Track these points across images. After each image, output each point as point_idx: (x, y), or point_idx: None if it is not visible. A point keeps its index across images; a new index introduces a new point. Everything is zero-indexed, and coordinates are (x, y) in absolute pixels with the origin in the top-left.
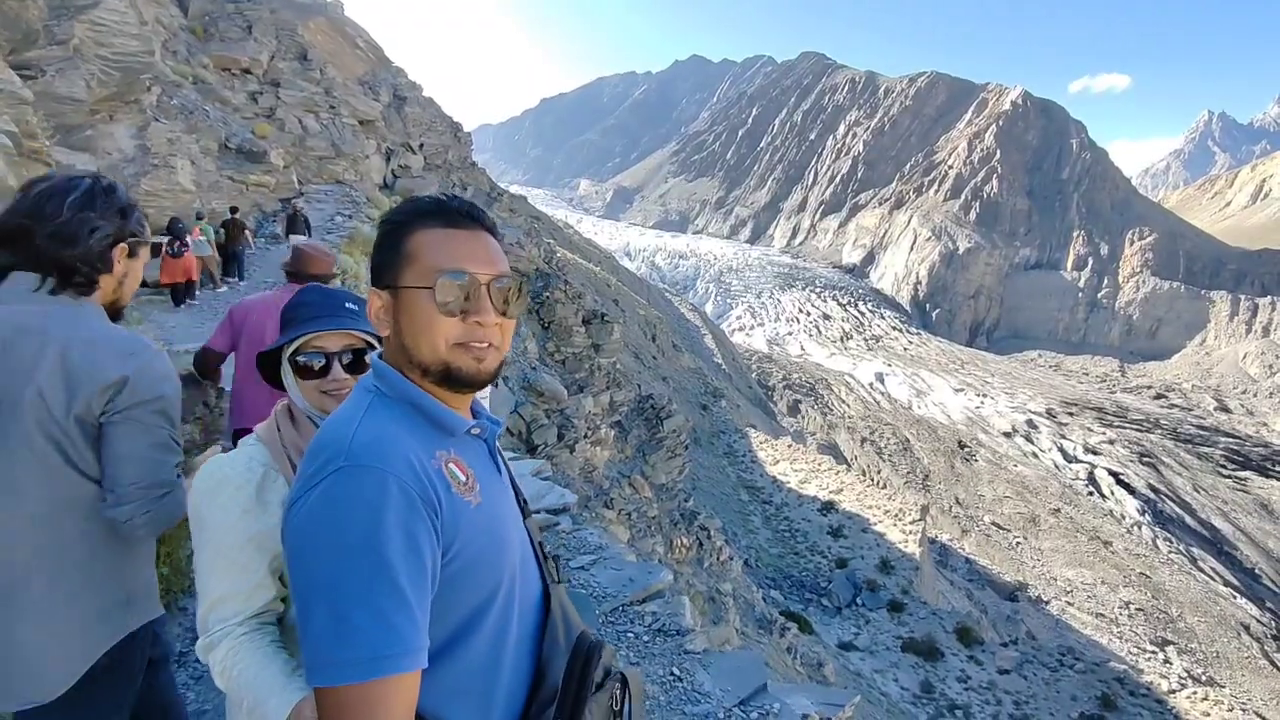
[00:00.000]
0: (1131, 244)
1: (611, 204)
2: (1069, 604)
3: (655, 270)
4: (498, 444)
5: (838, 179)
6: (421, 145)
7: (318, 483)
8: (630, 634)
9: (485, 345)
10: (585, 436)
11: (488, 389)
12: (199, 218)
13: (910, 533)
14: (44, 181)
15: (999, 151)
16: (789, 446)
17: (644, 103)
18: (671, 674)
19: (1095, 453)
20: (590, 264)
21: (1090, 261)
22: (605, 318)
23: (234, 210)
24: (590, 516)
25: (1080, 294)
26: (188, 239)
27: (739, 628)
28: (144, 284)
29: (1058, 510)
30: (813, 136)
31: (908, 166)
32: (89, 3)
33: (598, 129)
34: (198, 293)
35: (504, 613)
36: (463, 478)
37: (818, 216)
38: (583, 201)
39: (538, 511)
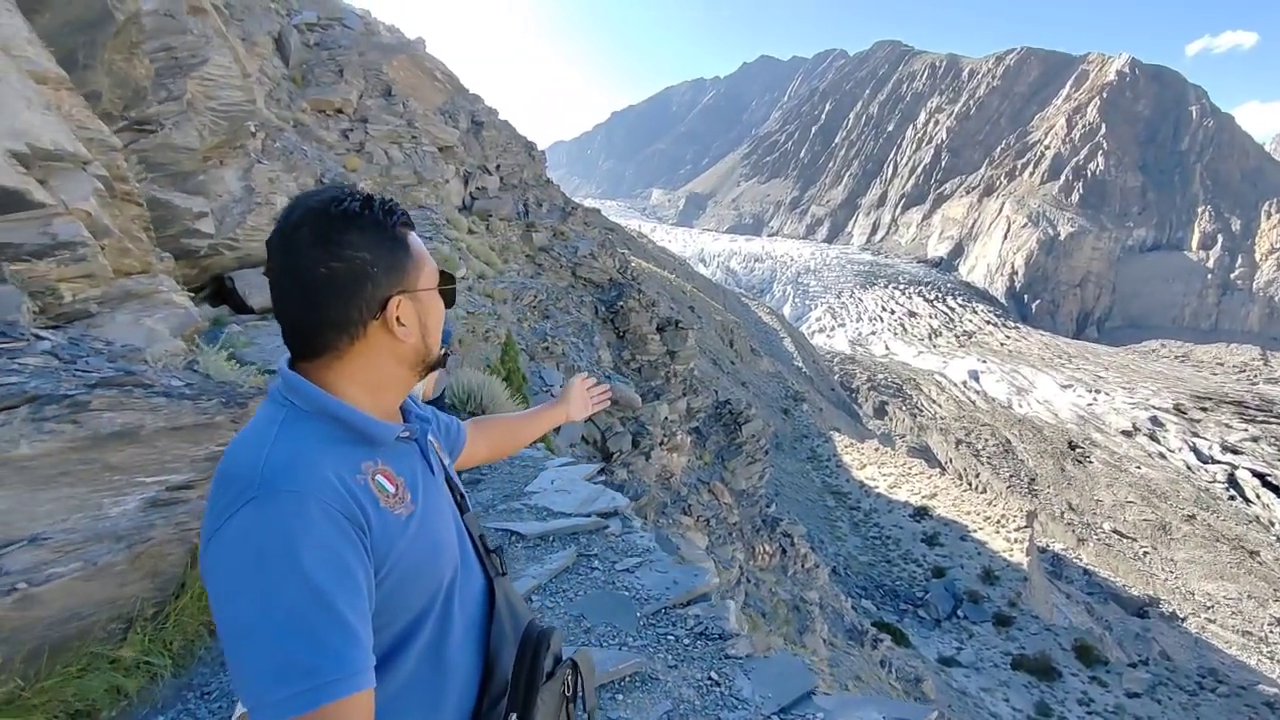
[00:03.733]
0: (1269, 216)
1: (684, 211)
2: (1209, 621)
3: (730, 275)
4: (430, 440)
5: (919, 169)
6: (498, 166)
7: (230, 515)
8: (670, 637)
9: None
10: (661, 443)
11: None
12: None
13: (1016, 540)
14: None
15: (1104, 126)
16: (876, 450)
17: (713, 108)
18: (710, 678)
19: (1236, 452)
20: (665, 272)
21: (1220, 239)
22: (679, 324)
23: None
24: (667, 522)
25: (1210, 275)
26: None
27: (826, 638)
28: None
29: (1192, 517)
30: (891, 128)
31: (998, 150)
32: (198, 60)
33: (668, 138)
34: None
35: (444, 617)
36: (391, 489)
37: (899, 210)
38: (655, 211)
39: (588, 515)
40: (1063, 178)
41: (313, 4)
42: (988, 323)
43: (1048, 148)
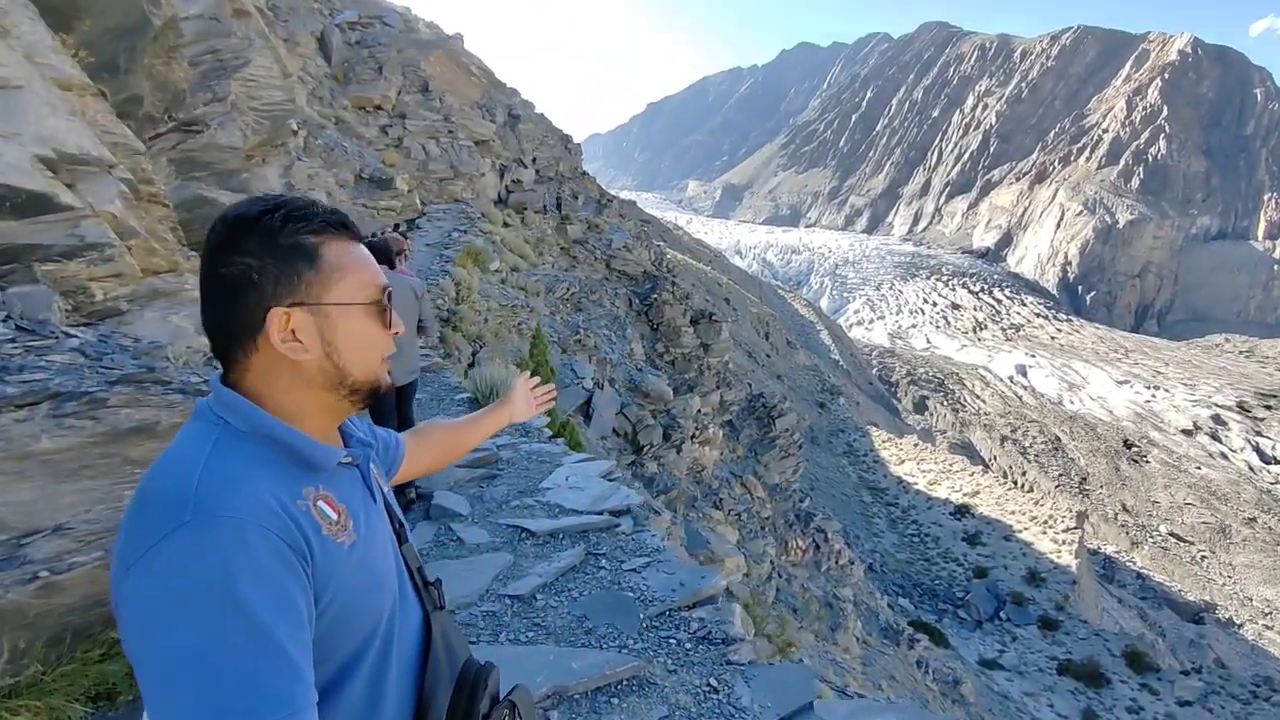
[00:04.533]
0: None
1: (720, 202)
2: (1267, 628)
3: (767, 267)
4: (371, 467)
5: (966, 156)
6: (534, 160)
7: (157, 542)
8: (672, 640)
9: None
10: (692, 437)
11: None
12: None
13: (1064, 542)
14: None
15: (1166, 108)
16: (915, 446)
17: (750, 97)
18: (708, 685)
19: None
20: (700, 264)
21: None
22: (713, 317)
23: (396, 227)
24: (698, 516)
25: (1276, 266)
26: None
27: (860, 636)
28: None
29: (1253, 520)
30: (935, 113)
31: (1051, 135)
32: (241, 62)
33: (704, 128)
34: None
35: (383, 652)
36: (334, 516)
37: (943, 199)
38: (691, 202)
39: (600, 513)
40: (1122, 162)
41: (354, 3)
42: (1037, 315)
43: (1106, 131)
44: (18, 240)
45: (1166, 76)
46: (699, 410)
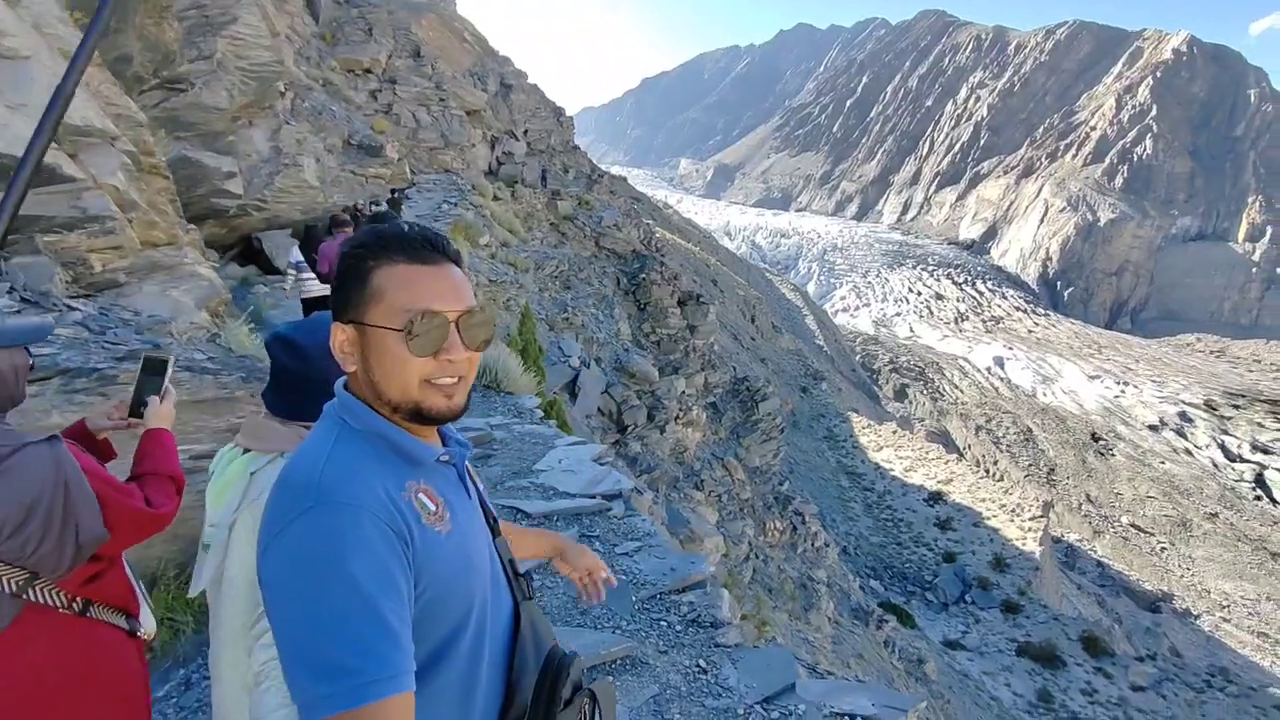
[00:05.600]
0: None
1: (712, 183)
2: (1224, 620)
3: (756, 249)
4: (467, 465)
5: (956, 147)
6: (525, 132)
7: (288, 524)
8: (664, 622)
9: (455, 381)
10: (676, 418)
11: None
12: (373, 204)
13: (1029, 530)
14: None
15: (1155, 107)
16: (894, 433)
17: (746, 77)
18: (698, 665)
19: (1266, 451)
20: (689, 244)
21: (1269, 230)
22: (700, 299)
23: (394, 191)
24: (679, 496)
25: (1255, 269)
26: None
27: (831, 616)
28: None
29: (1215, 515)
30: (929, 103)
31: (1040, 130)
32: (228, 19)
33: (699, 106)
34: None
35: (477, 636)
36: (432, 507)
37: (932, 189)
38: (683, 181)
39: (592, 497)
40: (1107, 161)
41: None
42: (1017, 309)
43: (1093, 128)
44: (22, 211)
45: (1158, 75)
46: (683, 391)
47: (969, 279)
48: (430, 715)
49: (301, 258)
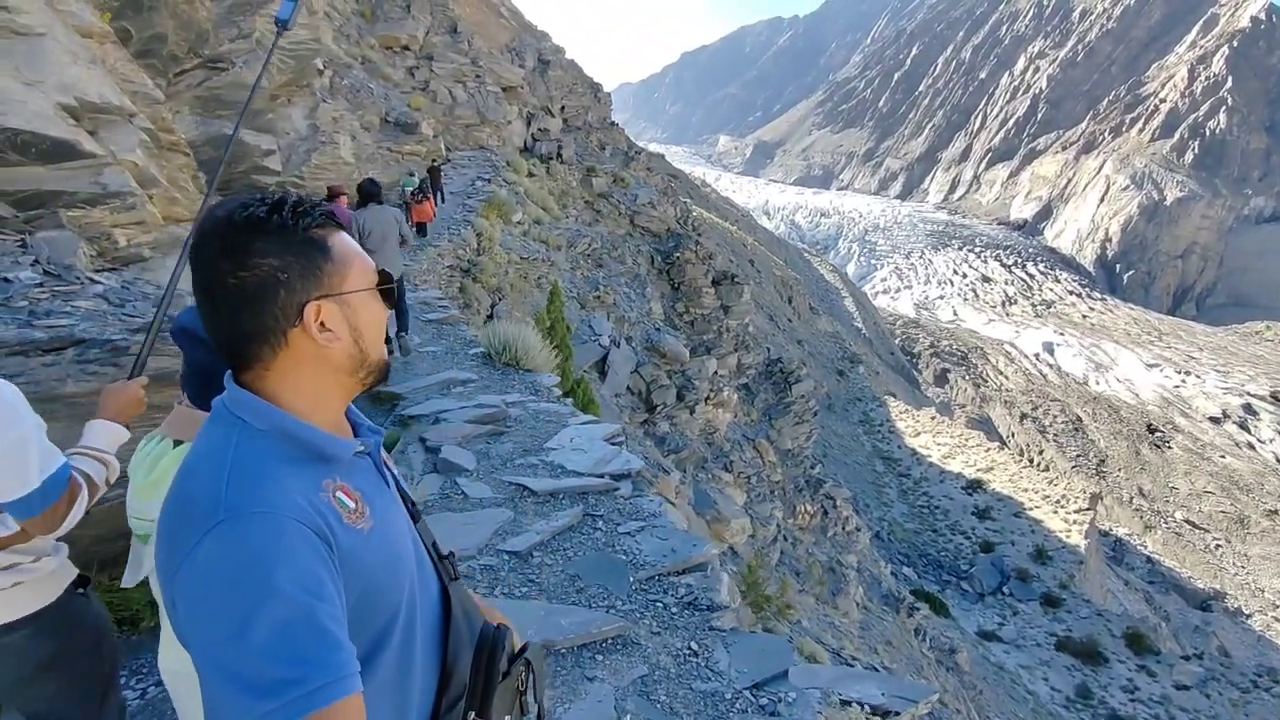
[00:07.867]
0: None
1: (751, 160)
2: (1276, 620)
3: (795, 229)
4: (382, 453)
5: (1011, 122)
6: (562, 108)
7: (197, 543)
8: (659, 604)
9: None
10: (707, 399)
11: None
12: (410, 174)
13: (1075, 522)
14: None
15: (1231, 79)
16: (933, 418)
17: (789, 50)
18: (689, 648)
19: None
20: (726, 223)
21: None
22: (735, 279)
23: (435, 161)
24: (707, 477)
25: None
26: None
27: (860, 601)
28: None
29: (1275, 512)
30: (983, 75)
31: (1104, 103)
32: None
33: (739, 82)
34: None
35: (408, 625)
36: (352, 505)
37: (983, 166)
38: (721, 158)
39: (600, 476)
40: (1177, 136)
41: None
42: (1071, 292)
43: (1163, 101)
44: (45, 186)
45: (1235, 45)
46: (715, 372)
47: (1019, 261)
48: (373, 706)
49: None
